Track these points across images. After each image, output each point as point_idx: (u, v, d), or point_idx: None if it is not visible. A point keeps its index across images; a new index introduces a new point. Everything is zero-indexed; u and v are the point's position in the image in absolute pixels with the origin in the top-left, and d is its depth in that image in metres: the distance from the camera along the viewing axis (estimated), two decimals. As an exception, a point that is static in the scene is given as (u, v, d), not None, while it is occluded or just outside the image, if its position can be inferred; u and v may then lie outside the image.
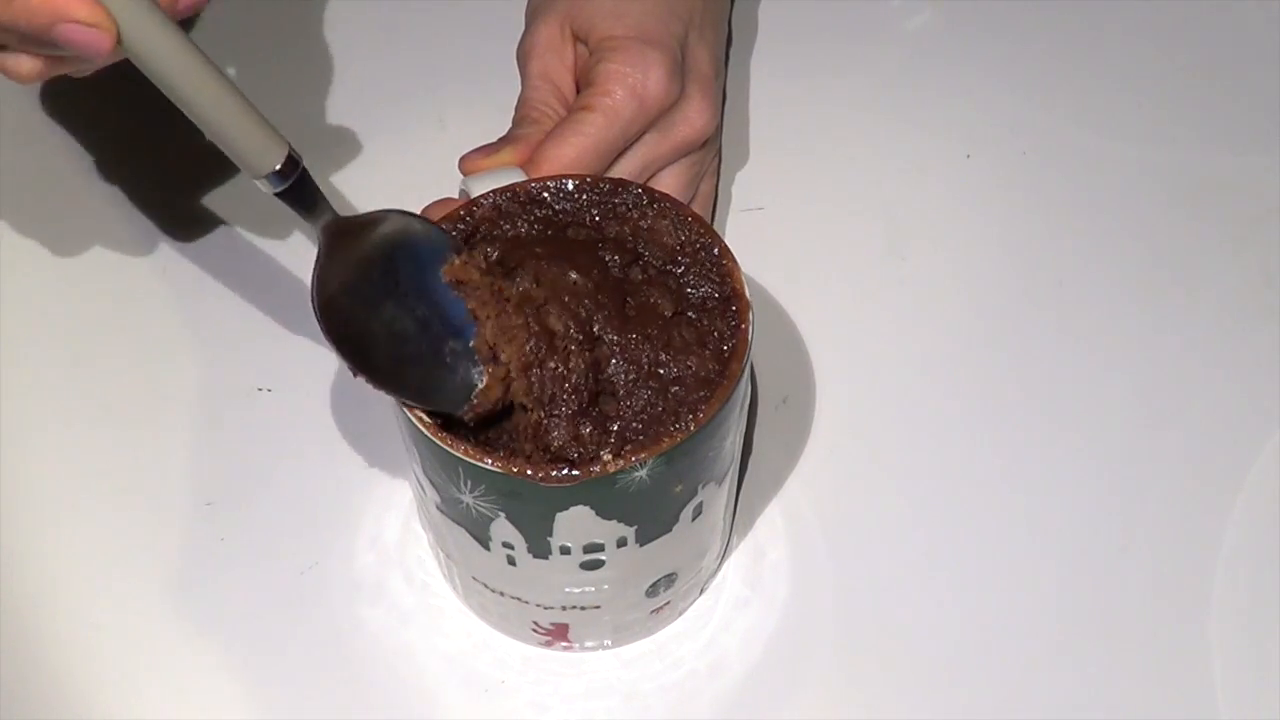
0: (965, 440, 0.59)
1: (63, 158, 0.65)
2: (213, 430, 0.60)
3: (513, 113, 0.59)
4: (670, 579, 0.52)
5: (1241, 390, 0.59)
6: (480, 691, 0.55)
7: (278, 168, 0.46)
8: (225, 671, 0.55)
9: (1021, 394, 0.60)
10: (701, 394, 0.48)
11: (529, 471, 0.45)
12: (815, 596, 0.56)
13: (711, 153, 0.61)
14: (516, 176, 0.53)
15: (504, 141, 0.57)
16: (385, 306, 0.47)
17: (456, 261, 0.48)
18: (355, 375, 0.45)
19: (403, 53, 0.69)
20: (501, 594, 0.52)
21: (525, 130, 0.57)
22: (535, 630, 0.54)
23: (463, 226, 0.51)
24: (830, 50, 0.68)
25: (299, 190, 0.47)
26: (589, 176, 0.51)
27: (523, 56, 0.60)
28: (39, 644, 0.56)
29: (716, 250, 0.50)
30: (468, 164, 0.56)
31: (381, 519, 0.58)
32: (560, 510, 0.47)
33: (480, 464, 0.45)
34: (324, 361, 0.60)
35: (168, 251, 0.63)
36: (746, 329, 0.48)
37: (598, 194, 0.51)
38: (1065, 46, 0.67)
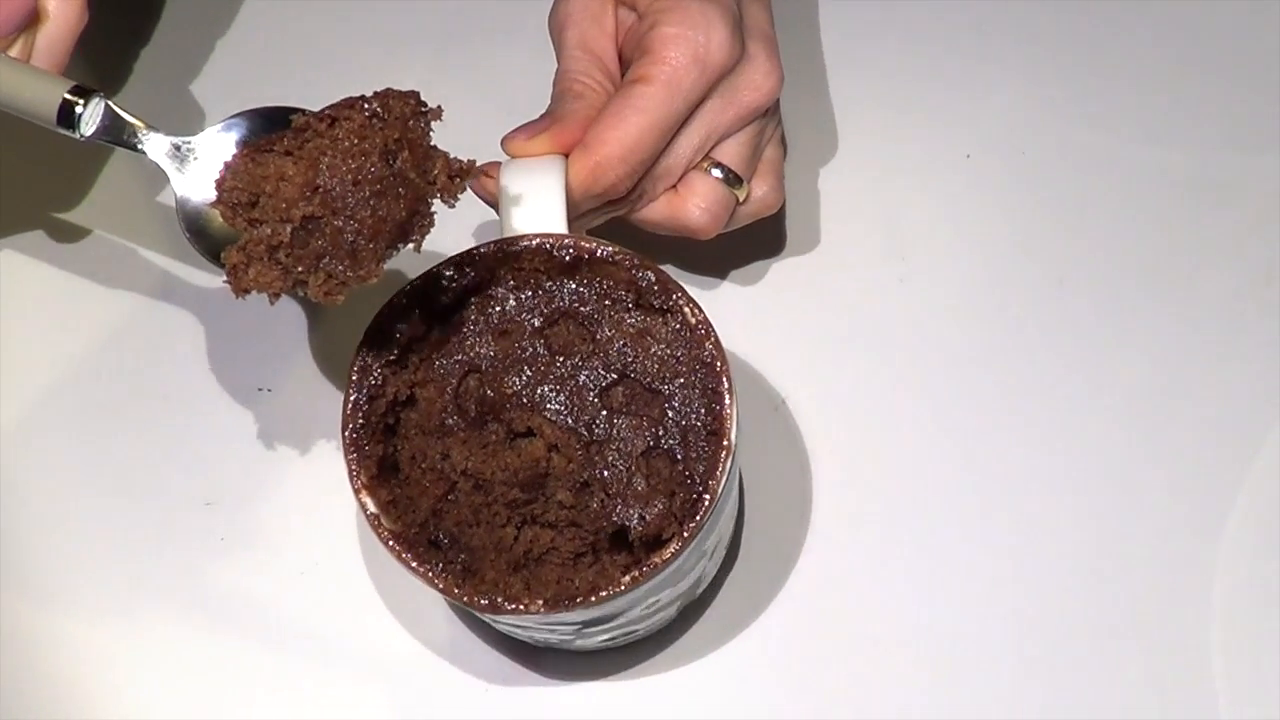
0: (966, 439, 0.59)
1: (62, 156, 0.64)
2: (213, 430, 0.60)
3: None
4: (630, 632, 0.52)
5: (1242, 389, 0.59)
6: (480, 692, 0.55)
7: (62, 105, 0.46)
8: (225, 671, 0.55)
9: (1022, 393, 0.60)
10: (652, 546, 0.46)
11: (455, 591, 0.45)
12: (810, 602, 0.56)
13: (774, 119, 0.56)
14: (557, 166, 0.51)
15: (548, 118, 0.53)
16: None
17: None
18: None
19: (403, 53, 0.68)
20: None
21: (570, 106, 0.53)
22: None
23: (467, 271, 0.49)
24: (829, 50, 0.68)
25: (110, 126, 0.47)
26: (610, 248, 0.48)
27: (556, 26, 0.55)
28: (39, 644, 0.56)
29: (714, 373, 0.47)
30: (511, 145, 0.52)
31: (381, 519, 0.58)
32: (493, 620, 0.47)
33: (409, 567, 0.46)
34: (324, 361, 0.60)
35: (168, 251, 0.63)
36: (718, 484, 0.46)
37: (604, 276, 0.48)
38: (1065, 46, 0.67)
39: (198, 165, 0.50)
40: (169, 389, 0.61)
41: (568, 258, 0.48)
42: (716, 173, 0.54)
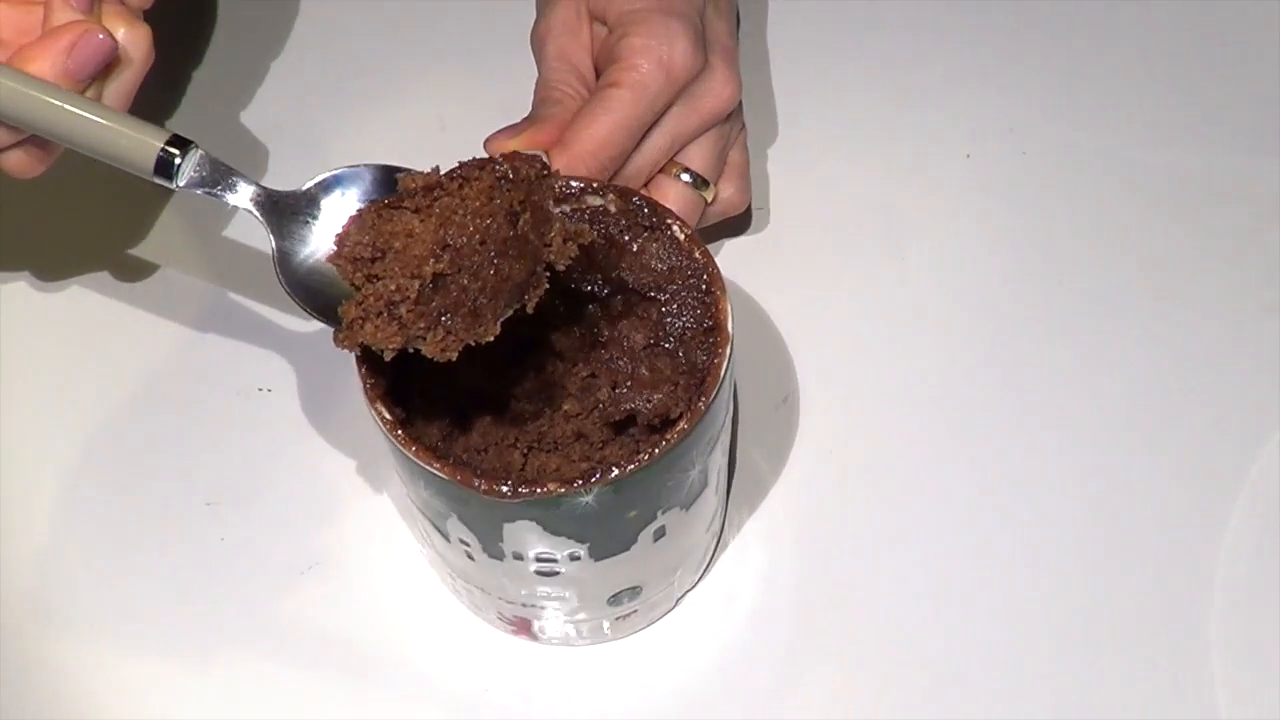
0: (965, 439, 0.59)
1: (62, 157, 0.64)
2: (213, 430, 0.60)
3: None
4: (635, 591, 0.52)
5: (1242, 390, 0.59)
6: (480, 692, 0.55)
7: (160, 156, 0.46)
8: (225, 671, 0.55)
9: (1021, 393, 0.60)
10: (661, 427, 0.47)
11: (475, 482, 0.45)
12: (810, 601, 0.56)
13: (737, 124, 0.60)
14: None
15: (528, 122, 0.56)
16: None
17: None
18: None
19: (403, 53, 0.69)
20: (468, 582, 0.53)
21: (549, 111, 0.57)
22: (500, 619, 0.54)
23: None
24: (830, 50, 0.68)
25: (206, 177, 0.47)
26: (594, 182, 0.50)
27: (538, 41, 0.59)
28: (39, 644, 0.56)
29: (706, 277, 0.49)
30: (493, 145, 0.56)
31: (381, 518, 0.58)
32: (507, 522, 0.47)
33: (428, 468, 0.45)
34: (324, 361, 0.60)
35: (168, 250, 0.64)
36: (720, 364, 0.47)
37: (598, 204, 0.50)
38: (1065, 46, 0.67)
39: (294, 218, 0.49)
40: (169, 389, 0.61)
41: (563, 192, 0.50)
42: (685, 177, 0.58)
